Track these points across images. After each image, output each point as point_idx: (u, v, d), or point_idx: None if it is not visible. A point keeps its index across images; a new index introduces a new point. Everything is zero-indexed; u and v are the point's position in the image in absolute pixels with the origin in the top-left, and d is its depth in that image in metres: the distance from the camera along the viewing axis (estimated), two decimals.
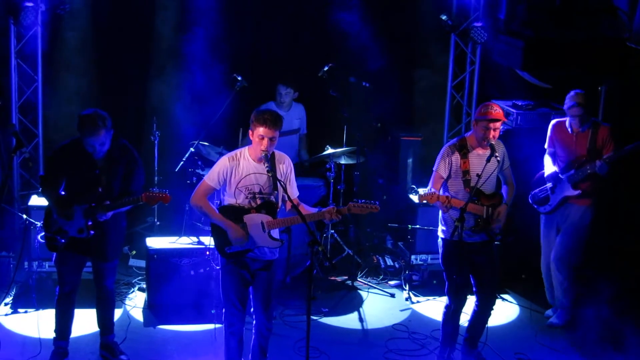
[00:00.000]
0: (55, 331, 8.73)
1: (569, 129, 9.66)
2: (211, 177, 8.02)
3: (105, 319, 8.89)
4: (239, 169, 7.95)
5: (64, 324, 8.73)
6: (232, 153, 8.07)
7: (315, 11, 11.97)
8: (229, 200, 8.02)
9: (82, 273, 8.67)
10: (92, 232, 8.26)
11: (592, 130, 9.54)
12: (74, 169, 8.26)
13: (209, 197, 8.14)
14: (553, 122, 9.89)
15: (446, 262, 8.72)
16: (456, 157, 8.55)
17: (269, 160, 7.87)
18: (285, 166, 8.10)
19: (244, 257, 8.02)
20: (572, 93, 9.56)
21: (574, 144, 9.64)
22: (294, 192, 8.17)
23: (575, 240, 9.83)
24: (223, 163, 8.00)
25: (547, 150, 9.92)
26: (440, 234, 8.76)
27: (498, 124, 8.45)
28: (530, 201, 10.00)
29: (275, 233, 8.09)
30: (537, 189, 9.96)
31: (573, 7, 9.34)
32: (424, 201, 8.43)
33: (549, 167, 9.86)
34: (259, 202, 7.98)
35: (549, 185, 9.82)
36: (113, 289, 8.83)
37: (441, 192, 8.60)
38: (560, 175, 9.71)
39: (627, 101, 10.92)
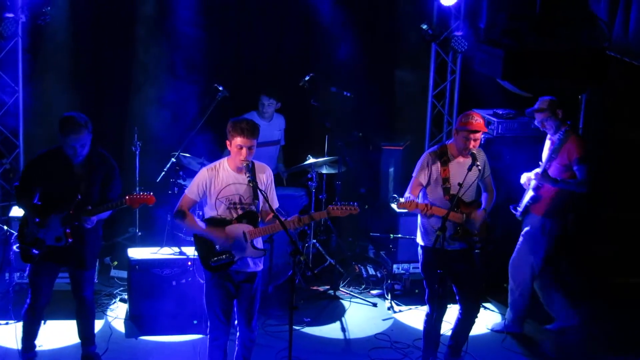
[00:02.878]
0: (23, 342, 8.66)
1: (549, 137, 9.68)
2: (191, 189, 8.04)
3: (86, 330, 8.84)
4: (218, 179, 7.96)
5: (32, 335, 8.68)
6: (211, 164, 8.09)
7: (296, 21, 12.01)
8: (210, 212, 8.03)
9: (54, 284, 8.61)
10: (70, 240, 8.22)
11: (562, 139, 9.43)
12: (52, 177, 8.22)
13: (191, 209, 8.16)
14: None
15: (426, 270, 8.73)
16: (437, 165, 8.55)
17: (250, 170, 7.88)
18: (266, 176, 8.11)
19: (228, 269, 8.02)
20: (540, 99, 9.57)
21: (547, 150, 9.65)
22: (274, 203, 8.16)
23: (526, 249, 9.74)
24: (202, 175, 8.02)
25: None
26: (420, 242, 8.76)
27: (478, 135, 8.46)
28: (511, 207, 9.94)
29: (259, 243, 8.09)
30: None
31: (553, 17, 9.38)
32: (403, 209, 8.43)
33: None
34: (239, 212, 7.98)
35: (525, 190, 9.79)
36: (93, 298, 8.79)
37: (420, 198, 8.62)
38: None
39: (607, 109, 10.98)
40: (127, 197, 8.17)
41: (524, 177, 9.65)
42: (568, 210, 9.74)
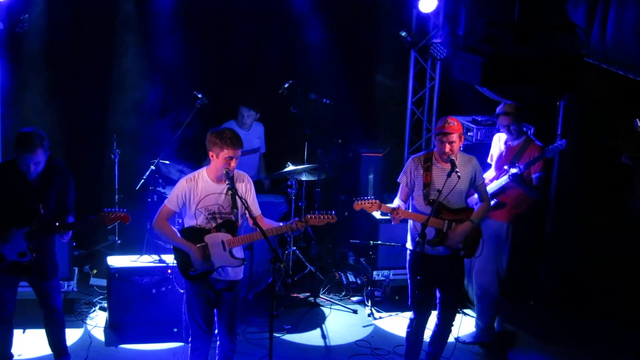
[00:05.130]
0: None
1: (504, 142, 9.75)
2: (171, 200, 8.05)
3: (57, 342, 8.71)
4: (197, 190, 7.97)
5: (6, 345, 8.57)
6: (190, 175, 8.10)
7: (276, 28, 12.01)
8: (189, 221, 8.04)
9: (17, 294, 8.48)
10: (34, 254, 8.08)
11: (523, 145, 9.60)
12: (9, 190, 8.06)
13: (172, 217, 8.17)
14: (496, 135, 9.98)
15: (411, 275, 8.73)
16: (419, 170, 8.57)
17: (229, 177, 7.87)
18: (245, 184, 8.11)
19: (208, 278, 8.01)
20: (501, 103, 9.65)
21: (502, 157, 9.72)
22: (255, 210, 8.16)
23: (490, 257, 9.72)
24: (181, 185, 8.02)
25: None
26: (409, 246, 8.77)
27: (453, 137, 8.45)
28: None
29: (238, 252, 8.09)
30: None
31: (532, 24, 9.41)
32: (360, 209, 8.47)
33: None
34: (219, 221, 7.98)
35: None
36: (61, 309, 8.64)
37: (410, 203, 8.64)
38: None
39: (585, 116, 11.02)
40: (97, 216, 8.07)
41: None
42: (528, 215, 9.81)
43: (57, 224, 8.09)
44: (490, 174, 9.88)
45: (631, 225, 9.92)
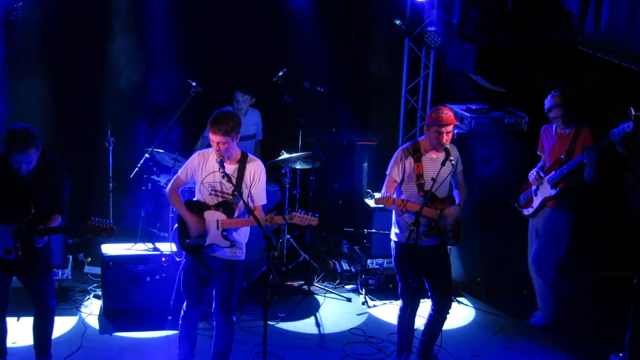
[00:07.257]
0: None
1: (553, 132, 9.77)
2: (183, 170, 8.25)
3: (41, 339, 8.50)
4: (206, 165, 8.10)
5: (1, 341, 8.46)
6: (205, 149, 8.22)
7: (270, 16, 11.99)
8: (197, 194, 8.23)
9: (9, 290, 8.28)
10: (20, 253, 7.89)
11: (574, 132, 9.63)
12: (1, 185, 7.89)
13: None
14: (543, 126, 9.98)
15: (399, 265, 8.75)
16: (409, 161, 8.56)
17: (222, 164, 7.90)
18: (254, 171, 8.13)
19: (202, 252, 8.14)
20: (549, 96, 9.68)
21: (556, 146, 9.72)
22: (260, 198, 8.19)
23: (550, 245, 9.84)
24: (193, 159, 8.21)
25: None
26: (394, 237, 8.78)
27: (450, 128, 8.48)
28: (515, 205, 10.05)
29: (239, 235, 8.18)
30: (523, 193, 10.00)
31: (526, 12, 9.41)
32: (380, 204, 8.44)
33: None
34: (219, 200, 8.08)
35: (533, 187, 9.86)
36: (52, 309, 8.44)
37: (395, 195, 8.64)
38: (543, 176, 9.76)
39: (580, 105, 11.02)
40: (85, 225, 7.91)
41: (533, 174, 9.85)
42: (584, 202, 9.88)
43: (42, 227, 7.89)
44: (539, 164, 9.92)
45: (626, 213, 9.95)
